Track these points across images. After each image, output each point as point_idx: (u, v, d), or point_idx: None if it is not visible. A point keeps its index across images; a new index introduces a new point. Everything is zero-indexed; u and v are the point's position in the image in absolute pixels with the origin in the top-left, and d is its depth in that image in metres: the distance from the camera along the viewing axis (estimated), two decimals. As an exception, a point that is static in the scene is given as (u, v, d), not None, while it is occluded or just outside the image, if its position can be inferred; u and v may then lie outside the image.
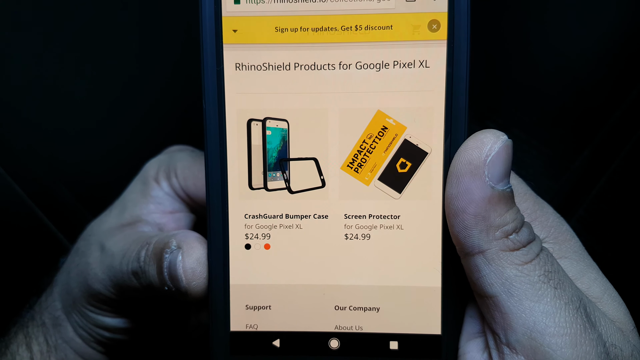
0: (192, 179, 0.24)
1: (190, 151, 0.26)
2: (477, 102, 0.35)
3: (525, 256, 0.18)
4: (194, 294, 0.21)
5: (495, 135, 0.18)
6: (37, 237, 0.36)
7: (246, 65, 0.20)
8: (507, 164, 0.18)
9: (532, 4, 0.36)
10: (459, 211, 0.18)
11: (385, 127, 0.20)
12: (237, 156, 0.20)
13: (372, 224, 0.20)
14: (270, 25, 0.19)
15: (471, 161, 0.17)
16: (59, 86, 0.21)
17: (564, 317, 0.17)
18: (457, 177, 0.18)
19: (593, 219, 0.34)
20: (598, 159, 0.35)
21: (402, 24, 0.19)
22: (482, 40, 0.36)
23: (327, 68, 0.19)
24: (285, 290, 0.21)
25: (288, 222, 0.20)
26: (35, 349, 0.25)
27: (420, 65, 0.19)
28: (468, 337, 0.20)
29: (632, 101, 0.35)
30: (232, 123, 0.20)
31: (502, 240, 0.18)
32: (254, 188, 0.20)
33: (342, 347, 0.21)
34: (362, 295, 0.20)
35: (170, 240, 0.21)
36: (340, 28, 0.19)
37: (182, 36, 0.35)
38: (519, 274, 0.17)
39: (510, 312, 0.17)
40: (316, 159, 0.20)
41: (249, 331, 0.21)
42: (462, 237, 0.18)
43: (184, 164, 0.24)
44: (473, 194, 0.17)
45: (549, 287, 0.17)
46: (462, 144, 0.18)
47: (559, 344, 0.17)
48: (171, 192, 0.25)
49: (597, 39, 0.35)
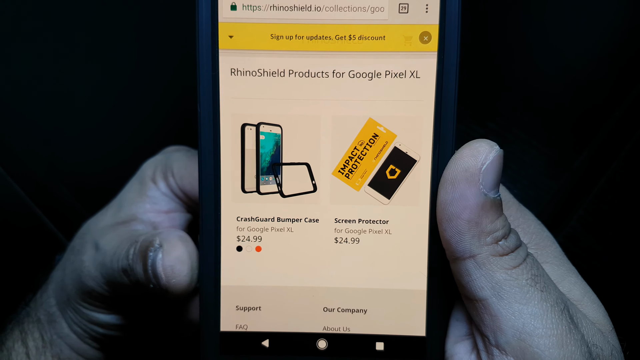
0: (189, 178, 0.24)
1: (187, 151, 0.26)
2: (477, 102, 0.36)
3: (513, 260, 0.18)
4: (174, 291, 0.21)
5: (489, 145, 0.18)
6: (36, 237, 0.37)
7: (241, 70, 0.20)
8: (499, 173, 0.18)
9: (533, 5, 0.36)
10: (453, 216, 0.18)
11: (376, 134, 0.20)
12: (231, 159, 0.20)
13: (362, 228, 0.21)
14: (265, 32, 0.20)
15: (467, 168, 0.18)
16: (59, 86, 0.21)
17: (551, 319, 0.18)
18: (452, 184, 0.18)
19: (593, 218, 0.35)
20: (598, 159, 0.35)
21: (395, 34, 0.20)
22: (483, 41, 0.36)
23: (321, 76, 0.20)
24: (275, 292, 0.21)
25: (279, 225, 0.21)
26: (30, 345, 0.25)
27: (411, 75, 0.20)
28: (455, 339, 0.20)
29: (632, 101, 0.35)
30: (226, 127, 0.20)
31: (492, 246, 0.18)
32: (247, 191, 0.21)
33: (329, 348, 0.21)
34: (350, 297, 0.21)
35: (155, 238, 0.22)
36: (335, 37, 0.20)
37: (182, 38, 0.35)
38: (508, 277, 0.18)
39: (500, 314, 0.18)
40: (308, 164, 0.21)
41: (239, 331, 0.21)
42: (454, 241, 0.18)
43: (180, 164, 0.25)
44: (468, 200, 0.18)
45: (536, 290, 0.18)
46: (457, 151, 0.19)
47: (546, 344, 0.17)
48: (168, 191, 0.25)
49: (597, 40, 0.36)
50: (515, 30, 0.36)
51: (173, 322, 0.27)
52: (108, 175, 0.35)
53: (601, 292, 0.21)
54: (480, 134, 0.34)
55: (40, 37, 0.36)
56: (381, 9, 0.19)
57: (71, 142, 0.36)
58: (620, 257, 0.34)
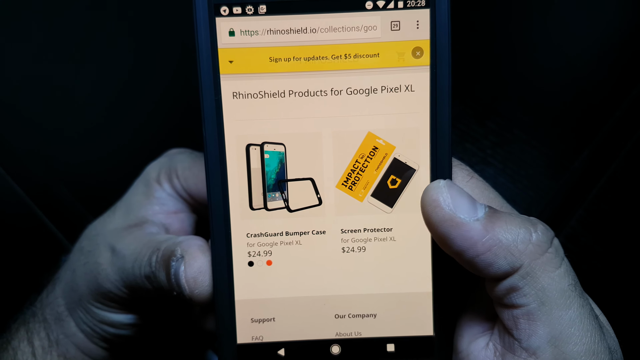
0: (193, 179, 0.25)
1: (190, 153, 0.26)
2: (477, 102, 0.36)
3: (555, 259, 0.18)
4: (198, 300, 0.22)
5: (435, 188, 0.18)
6: (37, 237, 0.37)
7: (243, 93, 0.21)
8: (465, 193, 0.18)
9: (533, 5, 0.36)
10: (474, 258, 0.18)
11: (376, 147, 0.21)
12: (238, 179, 0.21)
13: (367, 237, 0.22)
14: (264, 56, 0.20)
15: (443, 219, 0.18)
16: (59, 86, 0.21)
17: (587, 326, 0.18)
18: (446, 237, 0.18)
19: (593, 218, 0.34)
20: (598, 159, 0.35)
21: (388, 51, 0.20)
22: (482, 41, 0.36)
23: (320, 94, 0.21)
24: (288, 303, 0.22)
25: (288, 239, 0.22)
26: (36, 344, 0.25)
27: (406, 89, 0.21)
28: (470, 339, 0.20)
29: (632, 101, 0.35)
30: (232, 148, 0.21)
31: (528, 249, 0.18)
32: (255, 208, 0.22)
33: (343, 353, 0.22)
34: (360, 303, 0.22)
35: (176, 249, 0.22)
36: (331, 57, 0.20)
37: (182, 38, 0.35)
38: (552, 282, 0.18)
39: (540, 320, 0.18)
40: (312, 179, 0.21)
41: (255, 342, 0.22)
42: (494, 272, 0.18)
43: (184, 165, 0.25)
44: (471, 237, 0.18)
45: (576, 296, 0.18)
46: (422, 209, 0.19)
47: (579, 352, 0.18)
48: (173, 193, 0.25)
49: (597, 40, 0.36)
50: (515, 30, 0.37)
51: (185, 322, 0.28)
52: (108, 175, 0.36)
53: (601, 292, 0.21)
54: (480, 134, 0.33)
55: (40, 37, 0.36)
56: (374, 27, 0.20)
57: (71, 142, 0.36)
58: (620, 257, 0.34)
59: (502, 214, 0.18)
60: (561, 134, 0.35)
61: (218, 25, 0.20)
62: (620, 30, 0.36)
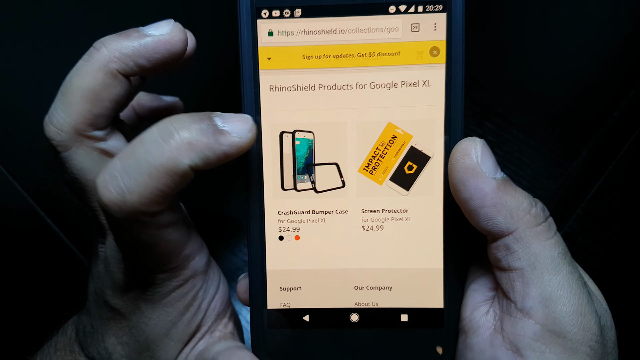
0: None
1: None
2: (476, 103, 0.36)
3: (547, 232, 0.20)
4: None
5: (472, 140, 0.21)
6: (37, 236, 0.37)
7: (278, 87, 0.23)
8: (493, 157, 0.21)
9: (532, 5, 0.36)
10: (478, 208, 0.20)
11: (395, 136, 0.24)
12: (271, 163, 0.24)
13: (385, 217, 0.24)
14: (298, 54, 0.23)
15: (467, 166, 0.20)
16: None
17: (575, 289, 0.20)
18: (462, 184, 0.20)
19: (592, 218, 0.35)
20: (596, 159, 0.35)
21: (408, 50, 0.23)
22: (481, 41, 0.36)
23: (346, 88, 0.23)
24: (313, 274, 0.25)
25: (314, 217, 0.24)
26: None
27: (424, 84, 0.23)
28: (473, 307, 0.23)
29: (630, 101, 0.35)
30: (267, 135, 0.24)
31: (525, 218, 0.20)
32: (286, 189, 0.24)
33: (361, 320, 0.25)
34: (377, 277, 0.24)
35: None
36: (357, 55, 0.23)
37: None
38: (543, 249, 0.20)
39: (532, 282, 0.20)
40: (337, 163, 0.24)
41: (283, 308, 0.25)
42: (491, 227, 0.20)
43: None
44: (482, 189, 0.20)
45: (565, 264, 0.20)
46: (451, 157, 0.21)
47: (568, 311, 0.19)
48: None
49: (596, 40, 0.36)
50: (514, 30, 0.37)
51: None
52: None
53: (600, 291, 0.22)
54: (478, 134, 0.31)
55: (40, 37, 0.36)
56: (396, 29, 0.23)
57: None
58: (619, 257, 0.34)
59: (515, 185, 0.21)
60: (559, 134, 0.35)
61: (259, 27, 0.23)
62: (620, 30, 0.36)
